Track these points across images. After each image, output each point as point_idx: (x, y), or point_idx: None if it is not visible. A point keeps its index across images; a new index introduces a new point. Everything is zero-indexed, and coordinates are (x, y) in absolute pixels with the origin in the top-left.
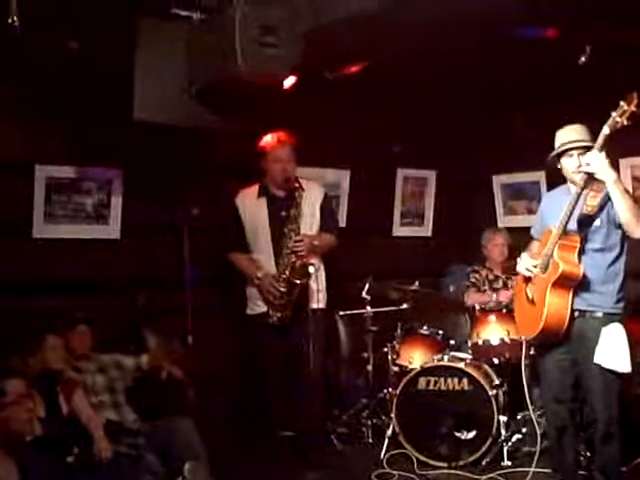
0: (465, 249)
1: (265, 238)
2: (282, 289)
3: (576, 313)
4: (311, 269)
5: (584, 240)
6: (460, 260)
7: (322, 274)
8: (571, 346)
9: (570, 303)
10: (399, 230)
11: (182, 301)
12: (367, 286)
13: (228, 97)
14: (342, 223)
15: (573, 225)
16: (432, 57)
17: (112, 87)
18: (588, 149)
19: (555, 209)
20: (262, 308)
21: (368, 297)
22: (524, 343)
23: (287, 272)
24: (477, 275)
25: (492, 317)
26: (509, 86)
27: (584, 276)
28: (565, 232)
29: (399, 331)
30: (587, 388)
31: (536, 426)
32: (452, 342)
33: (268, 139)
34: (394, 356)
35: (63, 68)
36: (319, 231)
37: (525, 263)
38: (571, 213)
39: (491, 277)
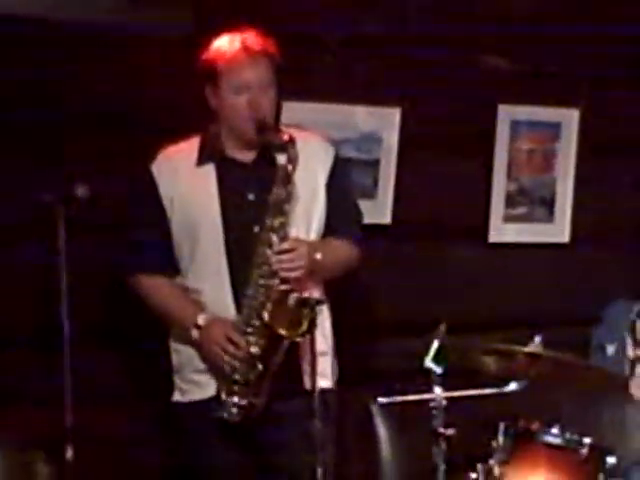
0: None
1: (213, 246)
2: (252, 350)
3: None
4: (318, 308)
5: None
6: (630, 293)
7: (328, 320)
8: None
9: None
10: (503, 231)
11: (53, 376)
12: (435, 346)
13: None
14: (383, 217)
15: None
16: None
17: None
18: None
19: None
20: (206, 390)
21: (437, 368)
22: None
23: (265, 314)
24: None
25: None
26: None
27: None
28: None
29: (501, 438)
30: None
31: None
32: (611, 460)
33: (223, 45)
34: None
35: None
36: (324, 234)
37: None
38: None
39: None
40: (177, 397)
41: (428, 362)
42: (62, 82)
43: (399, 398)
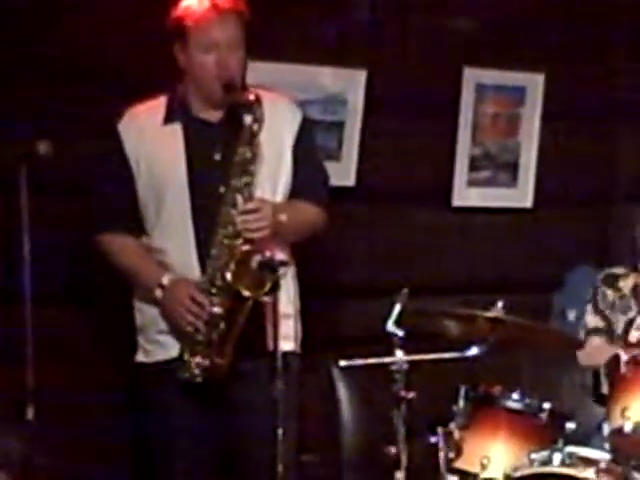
0: (603, 235)
1: (179, 206)
2: (215, 310)
3: None
4: (281, 270)
5: None
6: (592, 259)
7: (294, 283)
8: None
9: None
10: (466, 195)
11: (15, 334)
12: (397, 309)
13: None
14: (347, 179)
15: None
16: None
17: None
18: None
19: None
20: (169, 350)
21: (399, 332)
22: None
23: (228, 275)
24: (610, 291)
25: None
26: None
27: None
28: None
29: (462, 402)
30: None
31: None
32: (570, 426)
33: (192, 3)
34: (451, 452)
35: None
36: (290, 195)
37: None
38: None
39: None
40: (140, 357)
41: (390, 326)
42: (27, 36)
43: (360, 361)
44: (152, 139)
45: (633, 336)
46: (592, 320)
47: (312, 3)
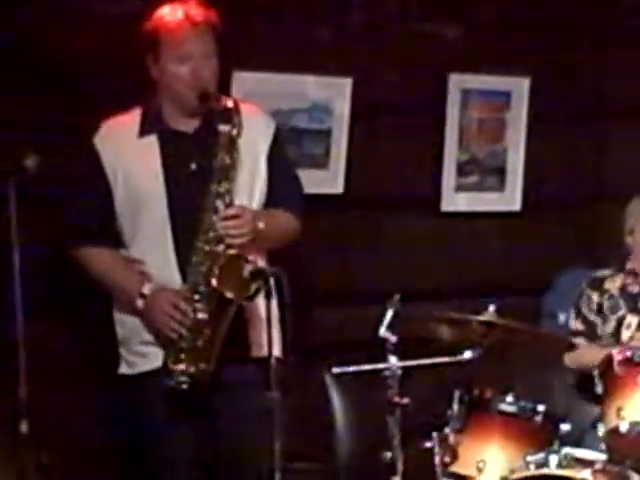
0: (592, 238)
1: (157, 217)
2: (200, 316)
3: None
4: (272, 280)
5: None
6: (581, 261)
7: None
8: None
9: None
10: (454, 200)
11: (6, 347)
12: (389, 315)
13: None
14: (335, 187)
15: None
16: None
17: None
18: None
19: None
20: (152, 361)
21: (392, 337)
22: None
23: (213, 280)
24: (595, 294)
25: None
26: None
27: None
28: None
29: (456, 406)
30: None
31: None
32: (565, 427)
33: (165, 15)
34: (447, 457)
35: None
36: (266, 204)
37: None
38: None
39: (634, 290)
40: (123, 369)
41: (383, 331)
42: (13, 50)
43: (353, 368)
44: (128, 152)
45: (625, 334)
46: (574, 323)
47: (296, 12)
